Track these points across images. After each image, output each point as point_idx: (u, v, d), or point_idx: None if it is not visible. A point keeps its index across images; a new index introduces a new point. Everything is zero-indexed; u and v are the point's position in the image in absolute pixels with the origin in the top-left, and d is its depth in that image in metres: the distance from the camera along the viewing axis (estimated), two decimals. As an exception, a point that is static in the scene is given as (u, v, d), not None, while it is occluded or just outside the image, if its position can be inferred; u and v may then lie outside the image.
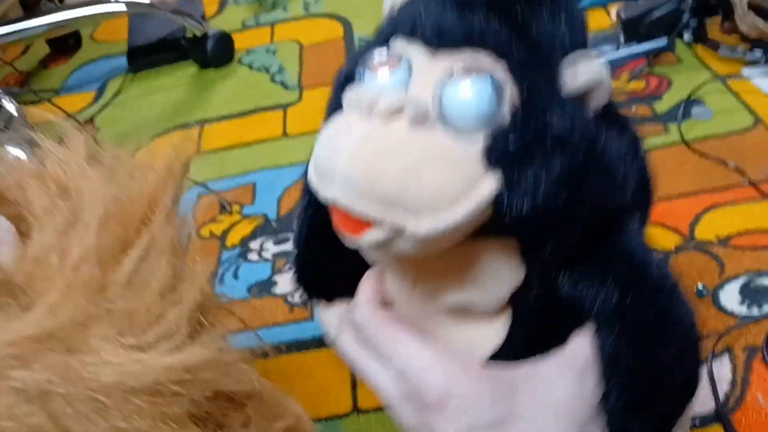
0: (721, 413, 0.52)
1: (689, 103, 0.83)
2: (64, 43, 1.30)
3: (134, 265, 0.28)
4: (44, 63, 1.28)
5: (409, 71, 0.32)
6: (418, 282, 0.37)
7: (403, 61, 0.32)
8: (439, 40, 0.31)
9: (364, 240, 0.31)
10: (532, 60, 0.31)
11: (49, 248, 0.28)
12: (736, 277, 0.62)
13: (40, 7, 1.30)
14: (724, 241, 0.65)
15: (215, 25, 1.18)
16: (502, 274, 0.34)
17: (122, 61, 1.20)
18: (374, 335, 0.35)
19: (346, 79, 0.34)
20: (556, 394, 0.33)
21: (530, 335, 0.37)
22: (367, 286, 0.38)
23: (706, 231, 0.67)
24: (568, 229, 0.32)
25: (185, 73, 1.13)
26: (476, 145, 0.30)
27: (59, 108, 1.03)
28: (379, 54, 0.33)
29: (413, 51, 0.32)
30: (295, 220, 0.45)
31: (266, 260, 0.75)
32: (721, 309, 0.60)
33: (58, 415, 0.25)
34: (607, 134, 0.32)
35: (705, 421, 0.53)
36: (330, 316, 0.47)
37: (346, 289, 0.43)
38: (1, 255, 0.28)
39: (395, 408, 0.35)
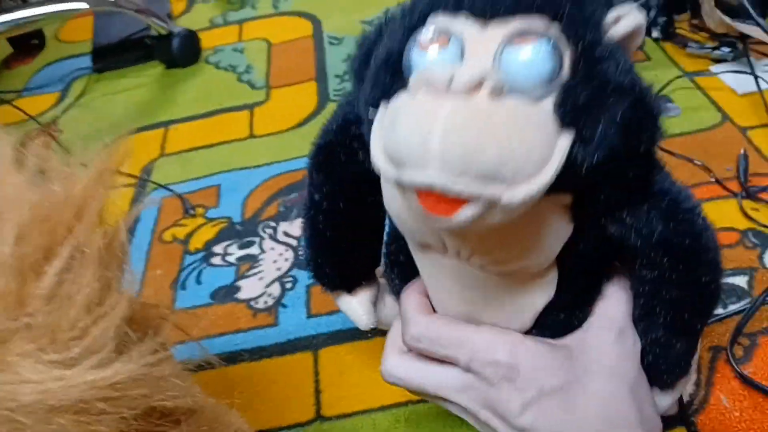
0: (685, 415, 0.52)
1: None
2: (28, 43, 1.27)
3: (56, 277, 0.26)
4: (7, 63, 1.25)
5: (461, 46, 0.32)
6: (464, 252, 0.39)
7: (452, 36, 0.32)
8: (489, 11, 0.32)
9: (459, 218, 0.31)
10: (581, 17, 0.32)
11: None
12: (701, 276, 0.62)
13: (1, 5, 1.28)
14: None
15: (183, 24, 1.16)
16: (556, 231, 0.37)
17: (87, 61, 1.18)
18: (437, 339, 0.39)
19: (388, 60, 0.34)
20: (606, 357, 0.38)
21: (578, 286, 0.42)
22: (411, 300, 0.43)
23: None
24: (625, 175, 0.35)
25: (151, 72, 1.11)
26: (547, 106, 0.31)
27: (20, 110, 1.01)
28: (426, 34, 0.33)
29: (460, 25, 0.32)
30: (302, 220, 0.49)
31: (230, 264, 0.73)
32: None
33: None
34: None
35: (669, 424, 0.52)
36: (354, 306, 0.52)
37: (363, 277, 0.52)
38: None
39: (465, 400, 0.39)
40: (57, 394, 0.25)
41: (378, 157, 0.33)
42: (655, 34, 0.92)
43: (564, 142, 0.31)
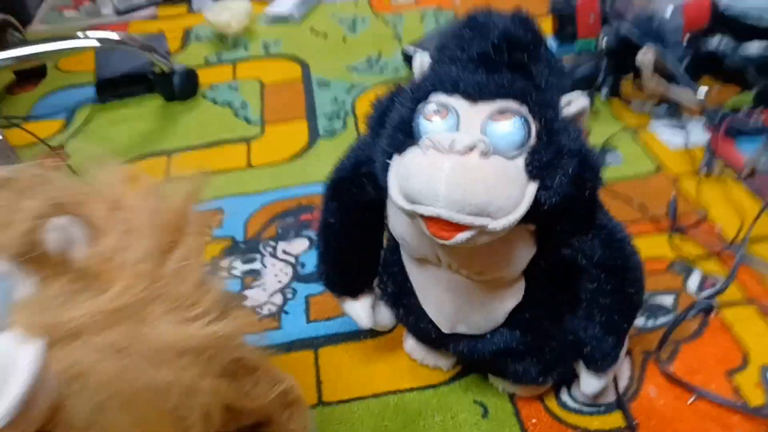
0: (621, 402, 0.64)
1: (604, 150, 0.97)
2: (30, 71, 1.36)
3: (178, 262, 0.37)
4: (10, 89, 1.33)
5: (457, 118, 0.45)
6: (454, 265, 0.52)
7: (450, 110, 0.45)
8: (478, 95, 0.45)
9: (458, 239, 0.44)
10: (543, 101, 0.45)
11: (114, 248, 0.36)
12: (637, 295, 0.75)
13: (6, 37, 1.36)
14: (628, 266, 0.78)
15: (179, 61, 1.27)
16: (523, 250, 0.51)
17: (88, 91, 1.27)
18: None
19: (400, 125, 0.47)
20: None
21: (540, 293, 0.56)
22: None
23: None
24: (573, 212, 0.48)
25: (151, 104, 1.21)
26: (519, 163, 0.44)
27: (31, 134, 1.09)
28: (431, 108, 0.46)
29: (455, 102, 0.46)
30: (317, 239, 0.64)
31: (236, 277, 0.83)
32: (624, 321, 0.72)
33: (129, 367, 0.34)
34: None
35: (608, 408, 0.64)
36: (357, 308, 0.65)
37: (365, 285, 0.65)
38: (77, 252, 0.36)
39: None
40: (181, 341, 0.35)
41: (396, 196, 0.46)
42: (604, 93, 1.07)
43: (531, 188, 0.45)
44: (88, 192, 0.40)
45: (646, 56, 0.98)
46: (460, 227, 0.44)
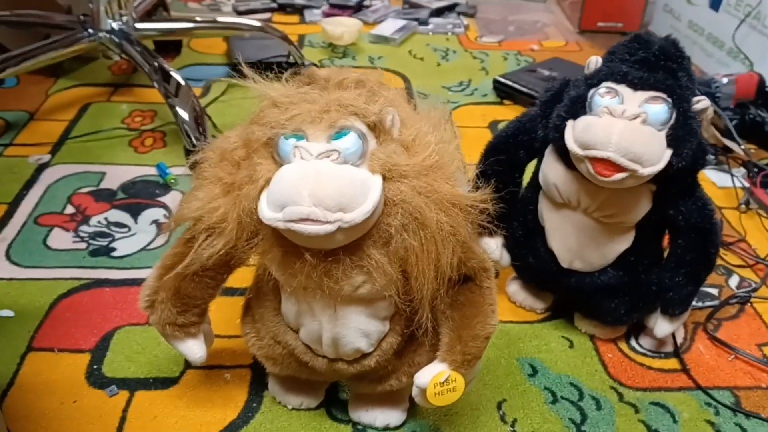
0: (677, 351, 0.83)
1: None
2: (166, 47, 1.57)
3: (447, 162, 0.57)
4: (150, 58, 1.54)
5: (621, 98, 0.67)
6: (591, 207, 0.72)
7: (617, 93, 0.67)
8: (639, 85, 0.67)
9: (615, 178, 0.65)
10: (682, 96, 0.66)
11: (415, 134, 0.55)
12: (689, 284, 0.95)
13: (156, 14, 1.59)
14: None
15: (302, 59, 1.48)
16: (643, 205, 0.71)
17: (220, 69, 1.49)
18: None
19: (578, 99, 0.69)
20: None
21: (645, 242, 0.74)
22: None
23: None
24: (686, 178, 0.69)
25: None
26: (663, 135, 0.65)
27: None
28: (604, 89, 0.68)
29: (621, 89, 0.67)
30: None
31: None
32: (679, 300, 0.92)
33: (427, 205, 0.53)
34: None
35: (666, 355, 0.83)
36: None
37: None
38: (395, 132, 0.56)
39: None
40: (456, 198, 0.55)
41: (572, 145, 0.67)
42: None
43: (668, 153, 0.66)
44: (400, 98, 0.60)
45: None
46: (619, 168, 0.64)
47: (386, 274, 0.56)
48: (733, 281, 0.96)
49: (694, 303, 0.91)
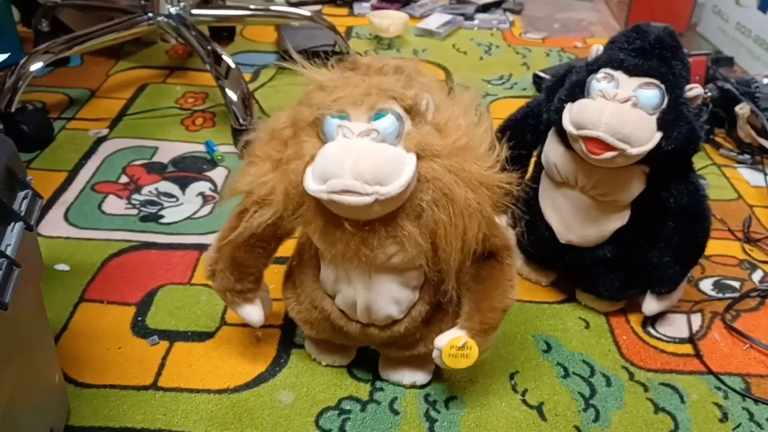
0: (692, 337, 0.86)
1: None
2: (220, 34, 1.65)
3: (476, 144, 0.61)
4: (205, 44, 1.61)
5: (616, 83, 0.70)
6: (587, 186, 0.75)
7: (614, 78, 0.70)
8: (634, 71, 0.70)
9: (605, 156, 0.69)
10: (675, 83, 0.70)
11: (447, 117, 0.60)
12: (711, 276, 0.97)
13: (212, 2, 1.66)
14: (707, 257, 1.00)
15: (348, 49, 1.54)
16: (636, 184, 0.74)
17: (270, 57, 1.55)
18: None
19: (577, 83, 0.73)
20: None
21: (639, 221, 0.77)
22: None
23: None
24: (678, 162, 0.72)
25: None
26: (654, 118, 0.69)
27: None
28: (601, 74, 0.71)
29: (617, 74, 0.71)
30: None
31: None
32: (700, 290, 0.94)
33: (457, 183, 0.58)
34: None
35: (681, 341, 0.86)
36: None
37: None
38: (429, 115, 0.60)
39: None
40: (483, 177, 0.59)
41: (568, 125, 0.71)
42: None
43: (658, 135, 0.69)
44: (434, 84, 0.65)
45: (743, 109, 1.21)
46: (609, 148, 0.69)
47: (417, 245, 0.61)
48: (757, 275, 0.98)
49: (714, 294, 0.93)
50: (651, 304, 0.83)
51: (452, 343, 0.67)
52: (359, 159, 0.56)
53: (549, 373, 0.79)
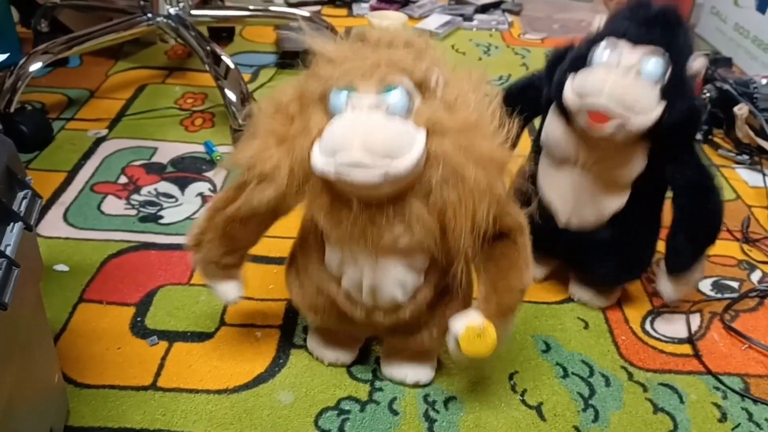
0: (691, 337, 0.86)
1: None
2: (220, 35, 1.65)
3: (486, 121, 0.60)
4: (204, 45, 1.61)
5: (619, 52, 0.70)
6: (589, 162, 0.76)
7: (617, 47, 0.71)
8: (638, 40, 0.70)
9: (608, 126, 0.69)
10: (679, 53, 0.70)
11: (457, 93, 0.59)
12: (710, 276, 0.97)
13: (211, 3, 1.67)
14: (705, 257, 1.00)
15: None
16: (638, 161, 0.75)
17: (269, 57, 1.55)
18: None
19: (579, 56, 0.73)
20: None
21: (639, 202, 0.77)
22: None
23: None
24: (680, 136, 0.73)
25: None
26: (657, 88, 0.69)
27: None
28: (604, 43, 0.72)
29: (621, 43, 0.71)
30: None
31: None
32: (699, 291, 0.94)
33: (466, 161, 0.57)
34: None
35: (680, 341, 0.86)
36: None
37: None
38: (439, 91, 0.59)
39: None
40: (493, 154, 0.58)
41: (571, 97, 0.71)
42: (699, 136, 1.30)
43: (661, 106, 0.69)
44: (441, 59, 0.64)
45: (741, 110, 1.21)
46: (610, 117, 0.69)
47: (425, 225, 0.60)
48: (755, 276, 0.98)
49: (713, 294, 0.93)
50: (667, 288, 0.82)
51: (469, 327, 0.65)
52: (369, 133, 0.55)
53: (548, 374, 0.79)
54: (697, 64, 0.72)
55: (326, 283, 0.69)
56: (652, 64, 0.70)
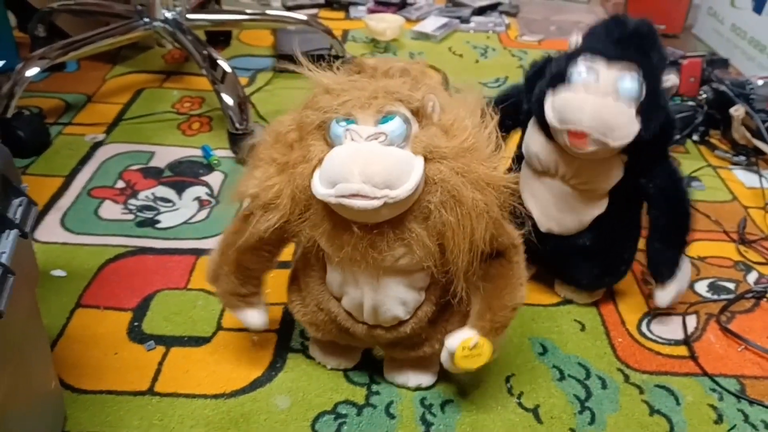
0: (687, 339, 0.86)
1: (690, 178, 1.20)
2: (217, 38, 1.65)
3: (483, 135, 0.61)
4: (201, 49, 1.61)
5: (596, 72, 0.71)
6: (567, 175, 0.77)
7: (594, 67, 0.71)
8: (613, 57, 0.71)
9: (588, 148, 0.70)
10: (652, 73, 0.71)
11: (453, 119, 0.60)
12: (706, 278, 0.97)
13: (208, 6, 1.67)
14: (702, 259, 1.00)
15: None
16: (615, 173, 0.76)
17: (266, 61, 1.56)
18: None
19: (558, 74, 0.73)
20: None
21: (617, 209, 0.79)
22: None
23: (692, 252, 1.01)
24: (655, 148, 0.74)
25: (320, 80, 1.48)
26: (633, 107, 0.70)
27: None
28: (581, 62, 0.72)
29: (596, 62, 0.71)
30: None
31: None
32: (695, 292, 0.94)
33: (464, 184, 0.58)
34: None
35: (676, 343, 0.86)
36: None
37: None
38: (435, 117, 0.60)
39: None
40: (490, 178, 0.59)
41: (549, 116, 0.72)
42: (696, 138, 1.30)
43: (637, 124, 0.71)
44: (437, 86, 0.65)
45: (738, 111, 1.21)
46: (592, 141, 0.71)
47: (425, 247, 0.61)
48: (752, 277, 0.98)
49: (709, 295, 0.93)
50: (660, 295, 0.84)
51: (464, 344, 0.67)
52: (368, 163, 0.56)
53: (545, 376, 0.80)
54: (668, 83, 0.74)
55: (327, 302, 0.70)
56: (628, 81, 0.71)
